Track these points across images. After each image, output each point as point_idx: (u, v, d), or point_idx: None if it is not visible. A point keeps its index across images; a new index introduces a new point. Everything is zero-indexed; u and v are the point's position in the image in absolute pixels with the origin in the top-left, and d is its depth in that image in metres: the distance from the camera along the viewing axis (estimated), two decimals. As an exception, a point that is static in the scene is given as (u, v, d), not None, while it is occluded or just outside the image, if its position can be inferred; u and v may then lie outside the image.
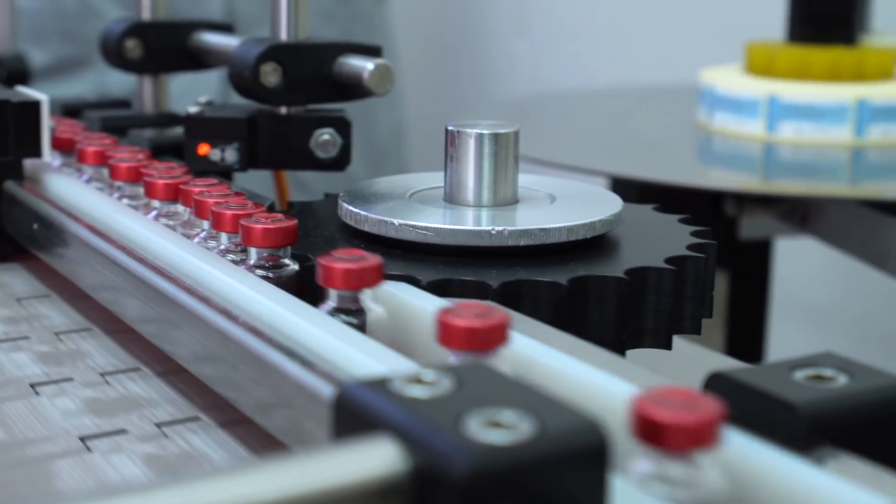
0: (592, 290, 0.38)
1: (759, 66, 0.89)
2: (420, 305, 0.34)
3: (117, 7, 1.14)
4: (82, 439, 0.34)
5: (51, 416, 0.36)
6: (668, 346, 0.40)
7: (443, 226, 0.40)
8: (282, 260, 0.39)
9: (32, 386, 0.39)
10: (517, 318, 0.32)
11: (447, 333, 0.28)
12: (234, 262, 0.39)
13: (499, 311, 0.28)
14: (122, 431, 0.35)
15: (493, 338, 0.28)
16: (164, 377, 0.39)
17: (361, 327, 0.34)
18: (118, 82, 1.06)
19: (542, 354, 0.30)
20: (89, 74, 1.14)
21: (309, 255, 0.40)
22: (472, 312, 0.28)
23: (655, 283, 0.39)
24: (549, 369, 0.30)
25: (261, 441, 0.34)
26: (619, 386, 0.28)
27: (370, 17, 1.30)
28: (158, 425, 0.36)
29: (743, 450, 0.24)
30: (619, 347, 0.39)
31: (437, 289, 0.37)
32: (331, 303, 0.34)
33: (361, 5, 1.29)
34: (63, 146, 0.55)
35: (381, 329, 0.34)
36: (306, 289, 0.38)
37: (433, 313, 0.30)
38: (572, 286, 0.37)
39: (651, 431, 0.23)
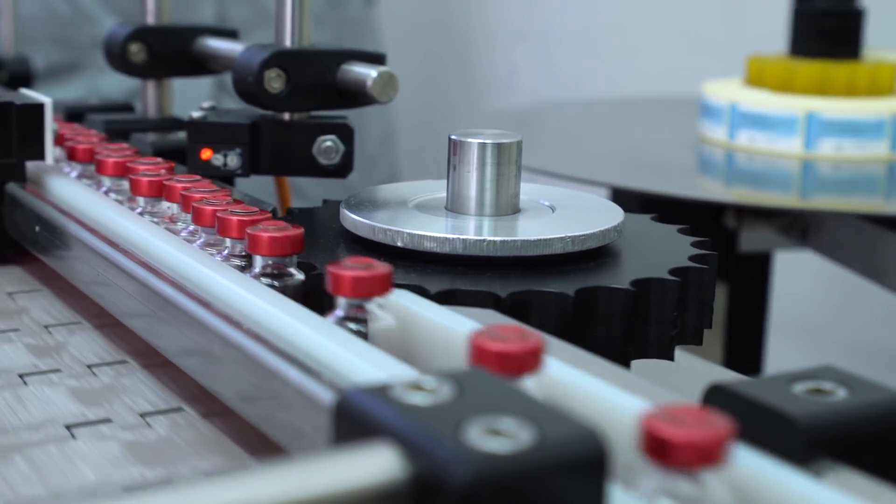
0: (600, 301, 0.38)
1: (768, 80, 0.89)
2: (434, 319, 0.34)
3: (110, 13, 1.14)
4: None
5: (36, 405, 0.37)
6: (671, 357, 0.40)
7: (443, 235, 0.40)
8: (287, 269, 0.39)
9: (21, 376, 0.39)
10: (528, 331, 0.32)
11: (479, 356, 0.27)
12: (239, 267, 0.39)
13: (531, 335, 0.28)
14: (105, 420, 0.36)
15: (527, 362, 0.27)
16: (149, 369, 0.40)
17: (367, 336, 0.33)
18: (110, 87, 1.07)
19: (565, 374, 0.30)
20: (81, 79, 1.14)
21: (314, 264, 0.40)
22: (510, 335, 0.28)
23: (660, 295, 0.39)
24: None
25: (257, 444, 0.34)
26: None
27: (360, 22, 1.30)
28: (142, 415, 0.36)
29: (751, 467, 0.24)
30: (624, 359, 0.39)
31: (441, 298, 0.37)
32: (339, 311, 0.34)
33: (352, 9, 1.29)
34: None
35: (389, 338, 0.34)
36: (312, 297, 0.38)
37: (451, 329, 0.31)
38: (579, 297, 0.37)
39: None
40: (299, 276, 0.39)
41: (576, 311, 0.37)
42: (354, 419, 0.24)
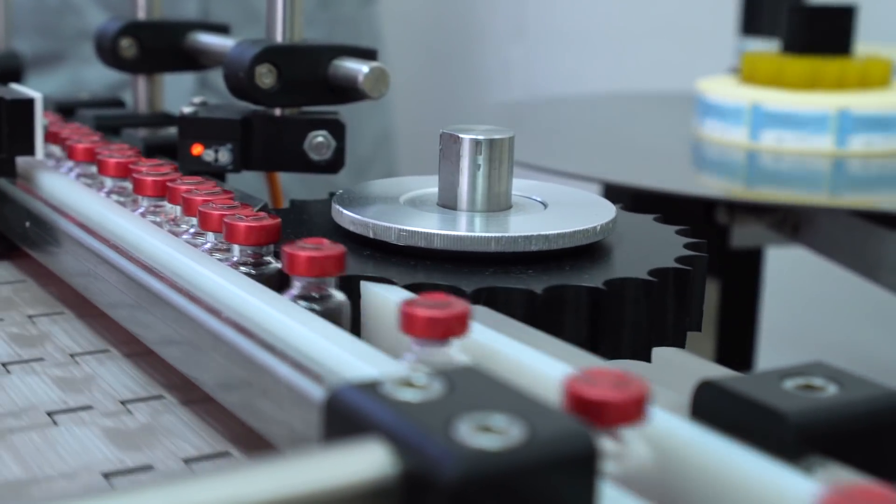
0: (627, 292, 0.38)
1: (751, 75, 0.89)
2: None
3: (97, 4, 1.14)
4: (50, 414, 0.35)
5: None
6: (683, 345, 0.41)
7: (434, 231, 0.40)
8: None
9: (4, 365, 0.39)
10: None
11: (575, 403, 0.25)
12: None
13: (631, 381, 0.25)
14: (87, 407, 0.36)
15: (631, 412, 0.25)
16: (133, 359, 0.40)
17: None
18: (94, 79, 1.06)
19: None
20: (65, 70, 1.13)
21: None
22: (607, 380, 0.25)
23: (677, 283, 0.40)
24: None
25: (245, 437, 0.34)
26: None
27: (354, 21, 1.29)
28: (123, 402, 0.36)
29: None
30: (647, 348, 0.39)
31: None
32: (410, 355, 0.30)
33: (344, 9, 1.28)
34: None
35: None
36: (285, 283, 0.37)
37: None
38: (607, 290, 0.38)
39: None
40: (340, 296, 0.35)
41: (604, 305, 0.38)
42: (345, 415, 0.24)
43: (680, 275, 0.40)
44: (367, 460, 0.22)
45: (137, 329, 0.40)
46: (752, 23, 1.00)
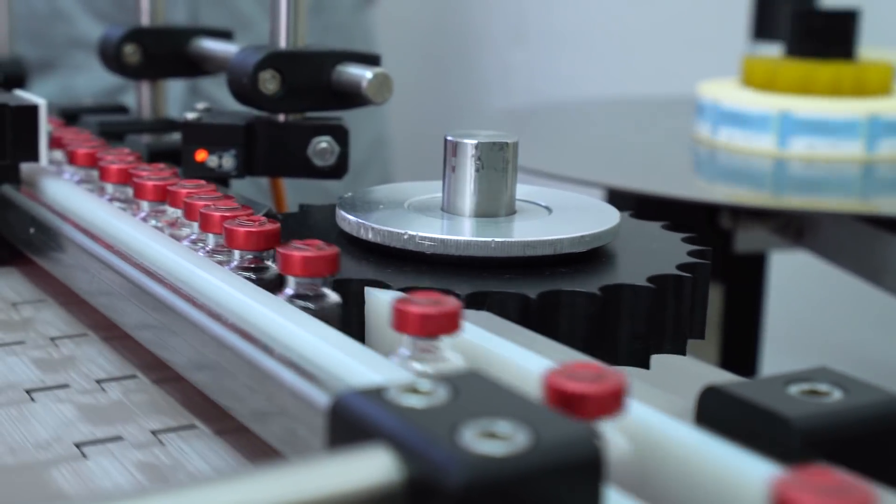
0: (625, 299, 0.38)
1: (760, 80, 0.89)
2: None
3: (86, 12, 1.13)
4: (78, 446, 0.34)
5: (45, 422, 0.36)
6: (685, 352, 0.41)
7: (440, 236, 0.40)
8: (321, 289, 0.36)
9: (28, 392, 0.39)
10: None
11: (554, 396, 0.26)
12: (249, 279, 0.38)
13: (614, 377, 0.26)
14: (117, 438, 0.35)
15: (609, 404, 0.26)
16: (159, 384, 0.39)
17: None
18: (85, 87, 1.06)
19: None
20: (56, 78, 1.13)
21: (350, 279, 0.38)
22: (587, 375, 0.26)
23: (678, 289, 0.40)
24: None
25: (254, 450, 0.34)
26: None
27: (347, 28, 1.28)
28: (154, 433, 0.36)
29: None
30: (645, 356, 0.40)
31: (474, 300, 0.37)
32: (404, 350, 0.31)
33: (337, 16, 1.27)
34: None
35: None
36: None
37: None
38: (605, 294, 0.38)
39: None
40: (334, 296, 0.36)
41: (602, 311, 0.38)
42: (350, 422, 0.24)
43: (679, 282, 0.40)
44: (373, 466, 0.22)
45: (142, 335, 0.40)
46: (764, 27, 0.99)
